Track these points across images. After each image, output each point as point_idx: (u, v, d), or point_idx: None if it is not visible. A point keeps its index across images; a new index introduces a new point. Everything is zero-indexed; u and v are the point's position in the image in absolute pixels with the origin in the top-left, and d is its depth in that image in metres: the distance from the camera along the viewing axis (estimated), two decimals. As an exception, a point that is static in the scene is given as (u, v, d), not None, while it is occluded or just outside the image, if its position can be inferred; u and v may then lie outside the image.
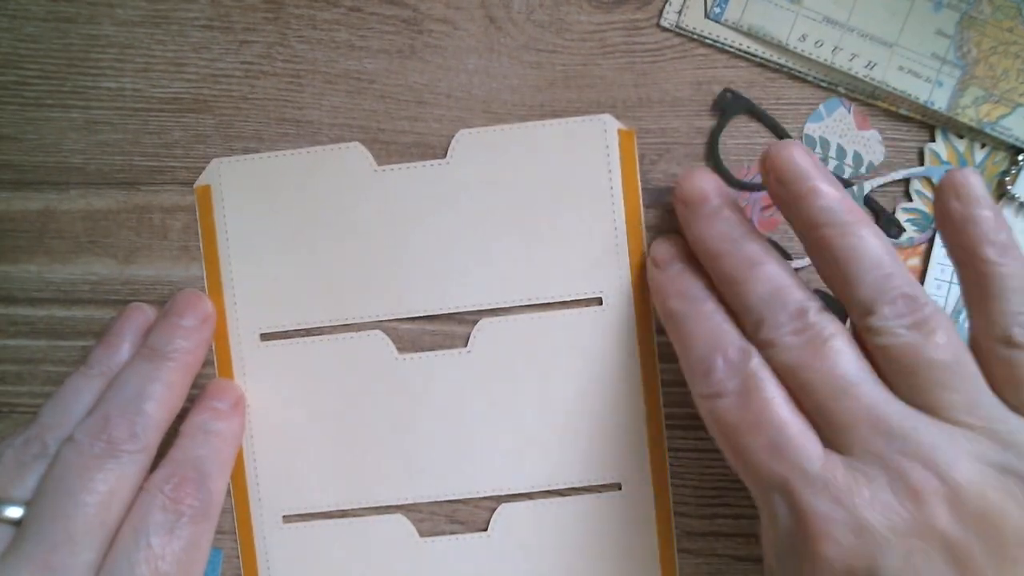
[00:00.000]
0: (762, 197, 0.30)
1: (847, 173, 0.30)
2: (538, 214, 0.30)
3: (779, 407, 0.23)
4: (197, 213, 0.31)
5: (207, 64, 0.31)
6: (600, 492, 0.30)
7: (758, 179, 0.30)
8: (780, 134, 0.30)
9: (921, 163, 0.30)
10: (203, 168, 0.31)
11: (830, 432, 0.23)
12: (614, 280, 0.30)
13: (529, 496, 0.30)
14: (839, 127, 0.30)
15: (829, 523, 0.21)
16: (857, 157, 0.30)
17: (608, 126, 0.30)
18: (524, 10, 0.30)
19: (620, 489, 0.30)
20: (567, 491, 0.30)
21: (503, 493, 0.30)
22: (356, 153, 0.30)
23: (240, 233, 0.30)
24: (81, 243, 0.31)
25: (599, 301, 0.30)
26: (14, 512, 0.24)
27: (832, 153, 0.30)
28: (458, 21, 0.30)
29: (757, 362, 0.24)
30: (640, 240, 0.30)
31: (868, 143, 0.30)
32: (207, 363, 0.30)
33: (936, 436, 0.22)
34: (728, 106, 0.30)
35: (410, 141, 0.30)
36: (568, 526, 0.30)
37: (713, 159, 0.30)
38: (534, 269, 0.30)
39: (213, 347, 0.30)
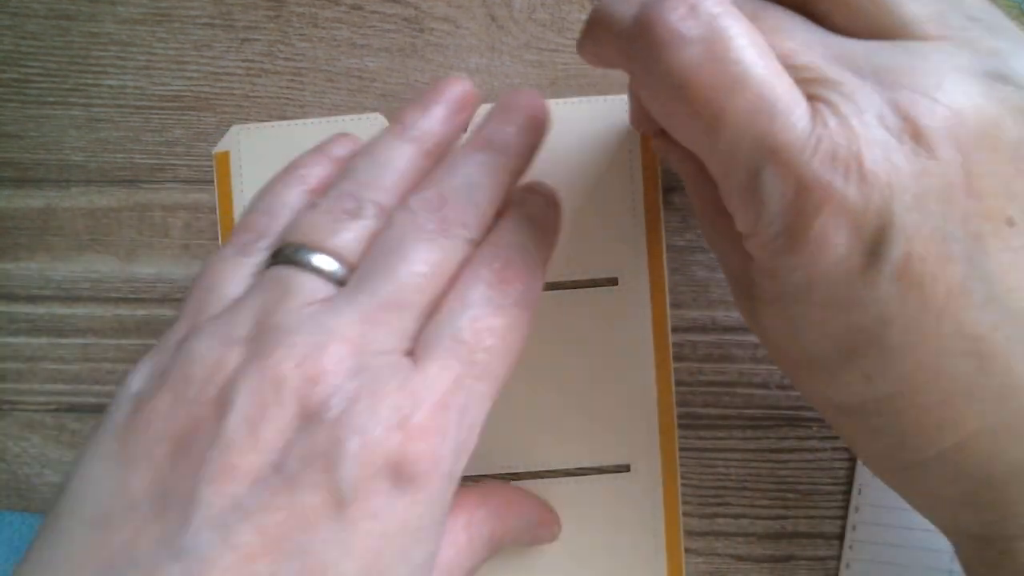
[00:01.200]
0: None
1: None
2: (556, 191, 0.30)
3: (761, 53, 0.19)
4: (215, 179, 0.30)
5: (208, 62, 0.31)
6: (609, 473, 0.30)
7: None
8: None
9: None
10: (204, 167, 0.31)
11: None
12: (630, 261, 0.30)
13: (538, 475, 0.30)
14: None
15: (831, 185, 0.18)
16: None
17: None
18: (526, 9, 0.30)
19: (629, 470, 0.30)
20: (576, 471, 0.30)
21: (512, 471, 0.30)
22: (378, 124, 0.30)
23: None
24: (82, 241, 0.31)
25: (614, 281, 0.30)
26: (328, 263, 0.23)
27: None
28: (460, 20, 0.30)
29: None
30: (658, 222, 0.30)
31: None
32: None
33: (908, 58, 0.18)
34: None
35: (411, 140, 0.30)
36: (576, 506, 0.30)
37: None
38: None
39: None
